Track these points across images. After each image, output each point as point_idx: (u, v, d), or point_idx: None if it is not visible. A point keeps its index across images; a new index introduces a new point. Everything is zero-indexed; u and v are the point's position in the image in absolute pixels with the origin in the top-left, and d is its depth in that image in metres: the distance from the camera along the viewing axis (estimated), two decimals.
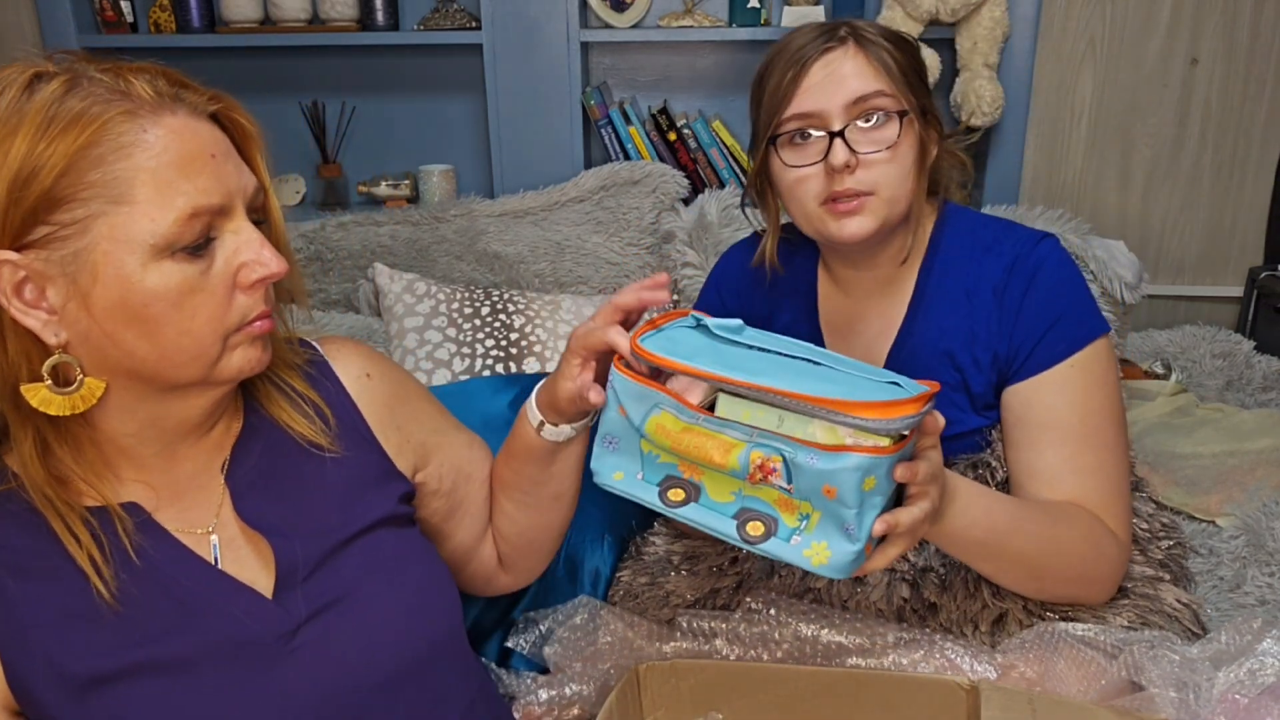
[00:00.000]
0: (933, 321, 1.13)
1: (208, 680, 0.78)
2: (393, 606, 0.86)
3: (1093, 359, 1.07)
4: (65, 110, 0.70)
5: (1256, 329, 2.32)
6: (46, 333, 0.73)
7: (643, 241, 2.14)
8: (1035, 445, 1.07)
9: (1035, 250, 1.10)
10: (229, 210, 0.76)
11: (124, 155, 0.71)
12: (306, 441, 0.88)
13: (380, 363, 0.98)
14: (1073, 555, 1.02)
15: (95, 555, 0.77)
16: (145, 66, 0.76)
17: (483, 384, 1.54)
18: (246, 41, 2.30)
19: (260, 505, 0.85)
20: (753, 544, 0.80)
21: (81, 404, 0.76)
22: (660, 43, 2.37)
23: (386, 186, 2.43)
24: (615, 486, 0.87)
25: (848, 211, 1.05)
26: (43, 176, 0.69)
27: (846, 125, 1.03)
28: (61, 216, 0.71)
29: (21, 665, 0.77)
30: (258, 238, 0.77)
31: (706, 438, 0.80)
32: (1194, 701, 0.92)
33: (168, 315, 0.73)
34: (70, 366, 0.75)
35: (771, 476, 0.78)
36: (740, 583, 1.19)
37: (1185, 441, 1.72)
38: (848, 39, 1.05)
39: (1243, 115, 2.29)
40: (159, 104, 0.73)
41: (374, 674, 0.83)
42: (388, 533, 0.90)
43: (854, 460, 0.75)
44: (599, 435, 0.87)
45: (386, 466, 0.93)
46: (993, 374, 1.11)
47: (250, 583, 0.83)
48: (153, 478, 0.83)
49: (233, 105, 0.79)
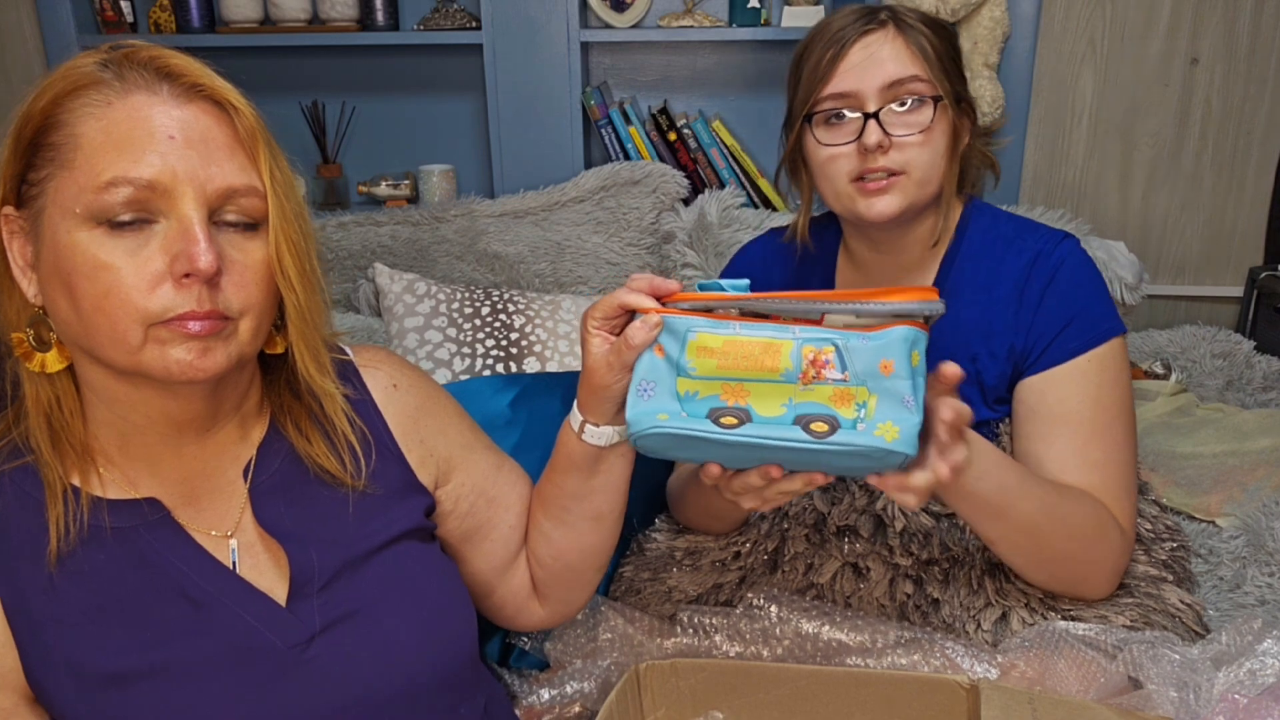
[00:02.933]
0: (952, 313, 1.14)
1: (217, 685, 0.77)
2: (409, 625, 0.85)
3: (1108, 357, 1.08)
4: (60, 78, 0.74)
5: (1256, 329, 2.32)
6: (30, 291, 0.77)
7: (643, 241, 2.14)
8: (1046, 437, 1.08)
9: (1058, 248, 1.12)
10: (170, 194, 0.72)
11: (81, 122, 0.73)
12: (331, 479, 0.87)
13: (410, 374, 0.97)
14: (1076, 529, 1.02)
15: (61, 517, 0.78)
16: (171, 52, 0.76)
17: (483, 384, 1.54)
18: (246, 41, 2.30)
19: (279, 512, 0.84)
20: (822, 439, 0.79)
21: (48, 366, 0.77)
22: (660, 43, 2.37)
23: (386, 186, 2.43)
24: (662, 428, 0.83)
25: (877, 190, 1.06)
26: (25, 133, 0.73)
27: (881, 108, 1.05)
28: (34, 175, 0.74)
29: (37, 659, 0.77)
30: (196, 232, 0.72)
31: (752, 344, 0.80)
32: (1194, 701, 0.92)
33: (83, 287, 0.72)
34: (45, 328, 0.77)
35: (825, 370, 0.79)
36: (743, 578, 1.19)
37: (1185, 441, 1.72)
38: (888, 22, 1.07)
39: (1243, 115, 2.29)
40: (139, 84, 0.74)
41: (385, 691, 0.82)
42: (408, 547, 0.89)
43: (902, 332, 0.78)
44: (632, 388, 0.84)
45: (409, 479, 0.92)
46: (1007, 366, 1.12)
47: (267, 590, 0.82)
48: (164, 472, 0.82)
49: (237, 102, 0.76)
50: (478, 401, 1.44)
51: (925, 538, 1.13)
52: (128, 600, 0.78)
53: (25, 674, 0.77)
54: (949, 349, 1.13)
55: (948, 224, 1.16)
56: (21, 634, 0.77)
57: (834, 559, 1.15)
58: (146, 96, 0.73)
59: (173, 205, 0.72)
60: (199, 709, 0.77)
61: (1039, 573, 1.05)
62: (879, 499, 1.15)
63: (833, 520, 1.16)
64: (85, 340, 0.74)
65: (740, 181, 2.24)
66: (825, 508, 1.17)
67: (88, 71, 0.74)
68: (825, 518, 1.17)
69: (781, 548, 1.18)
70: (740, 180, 2.24)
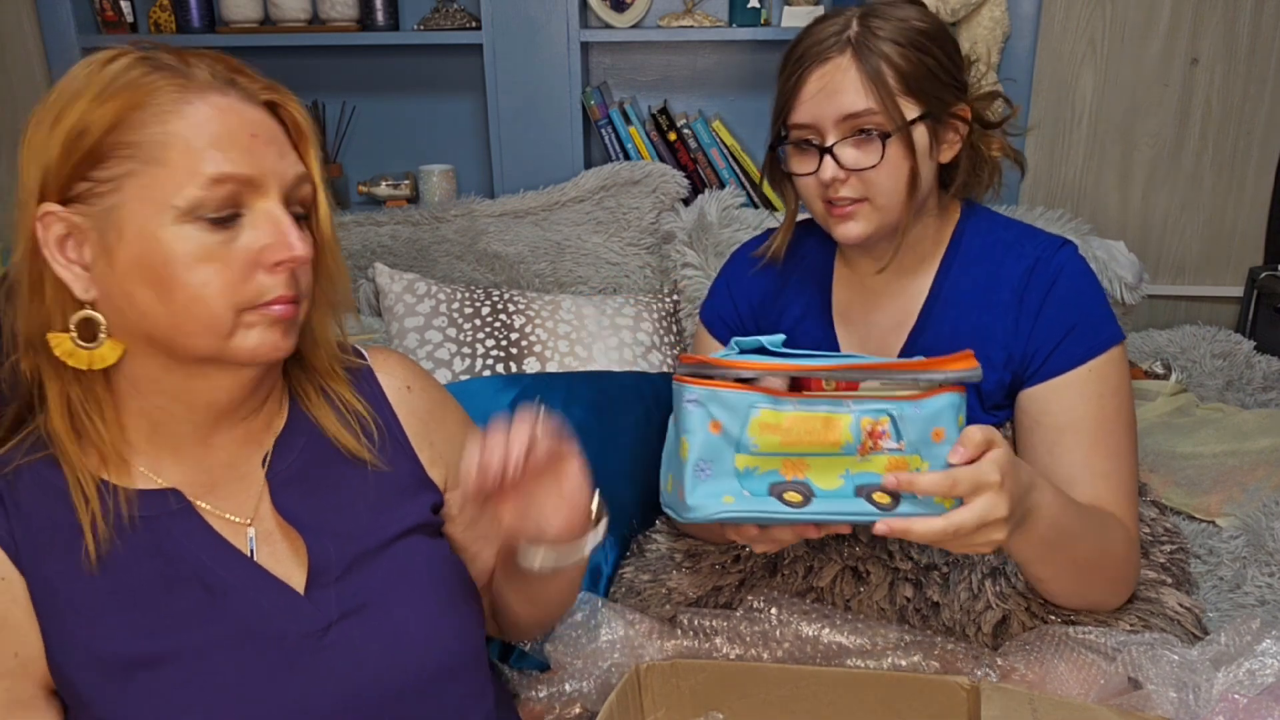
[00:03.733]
0: (948, 319, 1.14)
1: (232, 671, 0.79)
2: (421, 616, 0.86)
3: (1109, 365, 1.08)
4: (127, 79, 0.74)
5: (1256, 329, 2.32)
6: (78, 286, 0.76)
7: (643, 241, 2.14)
8: (1052, 449, 1.08)
9: (1057, 255, 1.12)
10: (260, 187, 0.77)
11: (165, 120, 0.74)
12: (349, 453, 0.89)
13: (423, 378, 1.00)
14: (1116, 559, 1.03)
15: (97, 515, 0.79)
16: (207, 52, 0.79)
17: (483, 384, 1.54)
18: (246, 41, 2.29)
19: (297, 502, 0.86)
20: (888, 510, 0.82)
21: (99, 361, 0.78)
22: (660, 43, 2.37)
23: (386, 186, 2.43)
24: (728, 511, 0.83)
25: (843, 215, 1.08)
26: (91, 133, 0.73)
27: (838, 140, 1.05)
28: (101, 173, 0.74)
29: (58, 645, 0.78)
30: (287, 220, 0.78)
31: (811, 420, 0.81)
32: (1193, 701, 0.92)
33: (181, 278, 0.75)
34: (95, 323, 0.77)
35: (882, 440, 0.81)
36: (743, 581, 1.19)
37: (1185, 441, 1.72)
38: (847, 48, 1.04)
39: (1243, 115, 2.29)
40: (210, 84, 0.76)
41: (398, 680, 0.84)
42: (418, 541, 0.91)
43: (949, 399, 0.82)
44: (689, 469, 0.83)
45: (420, 475, 0.94)
46: (1005, 374, 1.11)
47: (284, 578, 0.83)
48: (189, 461, 0.84)
49: (287, 98, 0.82)
50: (478, 401, 1.44)
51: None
52: (146, 587, 0.79)
53: (47, 661, 0.78)
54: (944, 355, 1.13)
55: (941, 232, 1.16)
56: (45, 621, 0.78)
57: (834, 562, 1.15)
58: (221, 96, 0.76)
59: (260, 197, 0.77)
60: (214, 694, 0.78)
61: (1071, 600, 1.06)
62: None
63: None
64: (169, 331, 0.77)
65: (740, 181, 2.24)
66: None
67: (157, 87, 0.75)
68: None
69: (781, 551, 1.18)
70: (740, 180, 2.24)
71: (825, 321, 1.21)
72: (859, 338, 1.20)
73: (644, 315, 1.89)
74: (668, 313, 1.93)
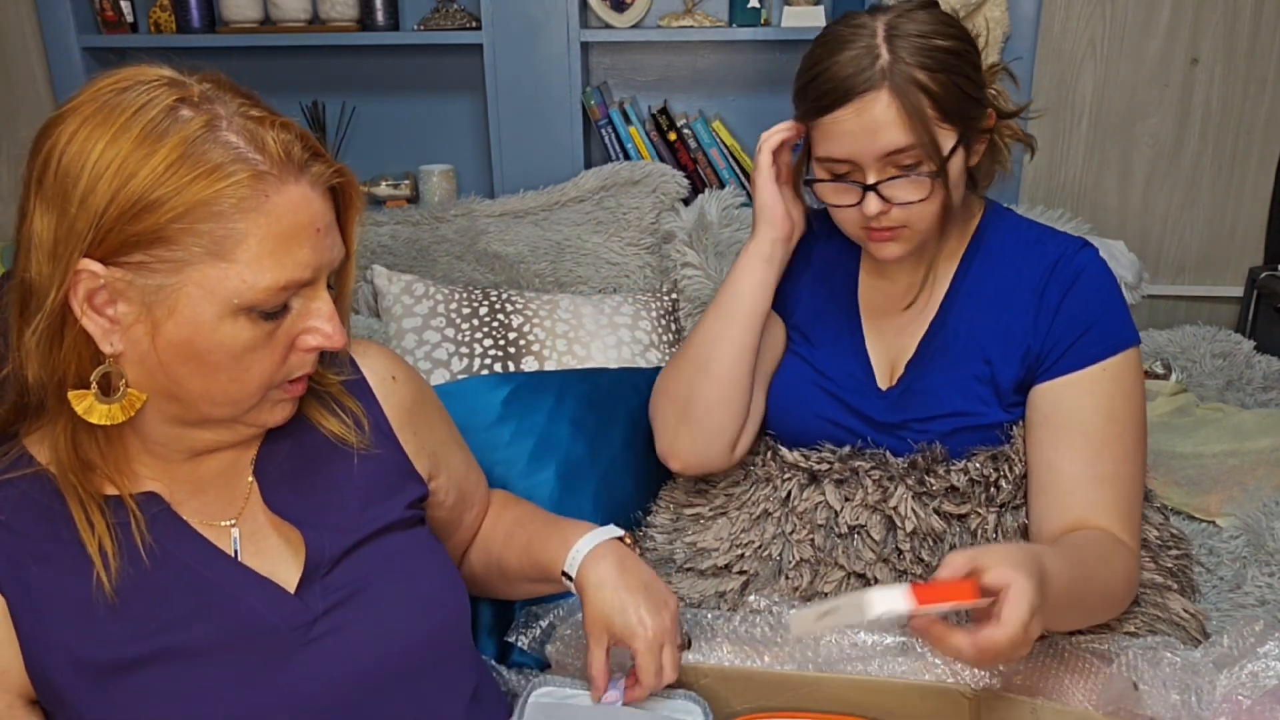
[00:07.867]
0: (968, 313, 1.15)
1: (222, 669, 0.79)
2: (405, 601, 0.88)
3: (1123, 367, 1.08)
4: (202, 155, 0.71)
5: (1256, 329, 2.32)
6: (104, 340, 0.75)
7: (643, 241, 2.14)
8: (1058, 446, 1.08)
9: (1078, 255, 1.12)
10: (314, 282, 0.78)
11: (240, 216, 0.72)
12: (336, 439, 0.91)
13: (405, 369, 1.01)
14: (1119, 587, 1.04)
15: (106, 544, 0.79)
16: (286, 122, 0.76)
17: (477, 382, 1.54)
18: (246, 41, 2.29)
19: (289, 497, 0.87)
20: None
21: (121, 415, 0.77)
22: (660, 43, 2.37)
23: (386, 186, 2.43)
24: None
25: (883, 239, 1.09)
26: (160, 213, 0.71)
27: (880, 180, 1.04)
28: (161, 252, 0.72)
29: (40, 652, 0.78)
30: (329, 309, 0.80)
31: None
32: (1195, 704, 0.92)
33: (226, 364, 0.76)
34: (116, 376, 0.77)
35: None
36: (745, 584, 1.19)
37: (1185, 441, 1.72)
38: (884, 81, 1.01)
39: (1243, 115, 2.29)
40: (286, 168, 0.74)
41: (385, 665, 0.85)
42: (404, 531, 0.92)
43: None
44: None
45: (406, 467, 0.95)
46: (1021, 370, 1.12)
47: (270, 574, 0.84)
48: (176, 476, 0.85)
49: (351, 180, 0.81)
50: (472, 399, 1.45)
51: (936, 541, 1.13)
52: (129, 591, 0.79)
53: (29, 669, 0.79)
54: (964, 350, 1.14)
55: (965, 225, 1.17)
56: (26, 631, 0.78)
57: (839, 568, 1.15)
58: (295, 185, 0.75)
59: (310, 288, 0.79)
60: (202, 693, 0.78)
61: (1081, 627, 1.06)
62: (891, 497, 1.15)
63: (844, 519, 1.16)
64: (197, 400, 0.78)
65: (740, 181, 2.24)
66: (838, 504, 1.17)
67: (238, 179, 0.72)
68: (837, 515, 1.16)
69: (785, 554, 1.18)
70: (740, 180, 2.24)
71: (852, 310, 1.23)
72: (881, 328, 1.21)
73: (642, 313, 1.89)
74: (666, 311, 1.93)
